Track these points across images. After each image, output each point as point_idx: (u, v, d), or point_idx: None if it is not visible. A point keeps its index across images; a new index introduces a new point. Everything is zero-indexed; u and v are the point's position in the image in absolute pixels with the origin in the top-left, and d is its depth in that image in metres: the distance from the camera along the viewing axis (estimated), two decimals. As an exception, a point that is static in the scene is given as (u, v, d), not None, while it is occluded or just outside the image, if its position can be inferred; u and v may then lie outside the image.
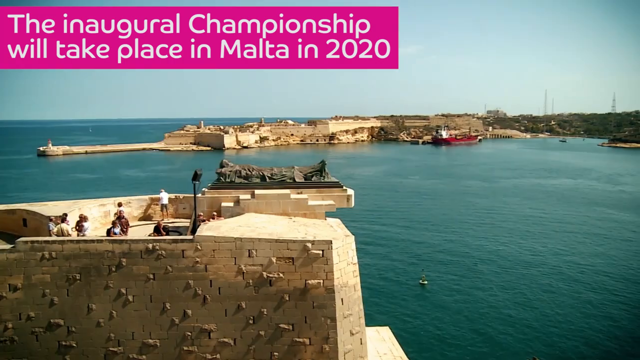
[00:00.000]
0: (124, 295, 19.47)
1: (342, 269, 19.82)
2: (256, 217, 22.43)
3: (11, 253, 19.57)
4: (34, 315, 19.46)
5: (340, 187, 24.84)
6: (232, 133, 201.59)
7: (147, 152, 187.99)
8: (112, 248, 19.57)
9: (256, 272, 19.26)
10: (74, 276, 19.51)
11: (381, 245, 56.60)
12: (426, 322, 37.34)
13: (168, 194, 29.57)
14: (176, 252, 19.41)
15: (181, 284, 19.39)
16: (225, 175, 24.95)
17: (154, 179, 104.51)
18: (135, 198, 30.38)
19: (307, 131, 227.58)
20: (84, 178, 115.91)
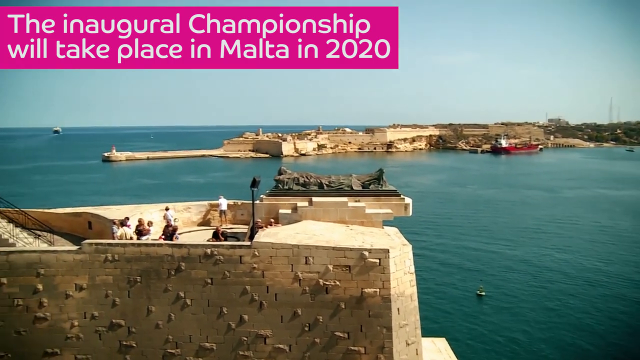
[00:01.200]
0: (182, 299, 19.84)
1: (399, 278, 19.65)
2: (313, 225, 22.49)
3: (77, 254, 20.26)
4: (98, 315, 20.09)
5: (398, 196, 24.66)
6: (290, 141, 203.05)
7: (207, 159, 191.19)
8: (171, 252, 19.99)
9: (312, 280, 19.31)
10: (135, 278, 20.03)
11: (438, 255, 55.88)
12: (483, 334, 36.61)
13: (227, 200, 30.00)
14: (234, 258, 19.66)
15: (238, 289, 19.62)
16: (283, 183, 25.11)
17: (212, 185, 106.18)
18: (195, 204, 30.95)
19: (364, 139, 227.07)
20: (145, 183, 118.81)
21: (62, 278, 20.24)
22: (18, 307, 20.18)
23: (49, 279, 20.23)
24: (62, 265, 20.28)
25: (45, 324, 20.19)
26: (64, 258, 20.35)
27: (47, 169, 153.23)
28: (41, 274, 20.21)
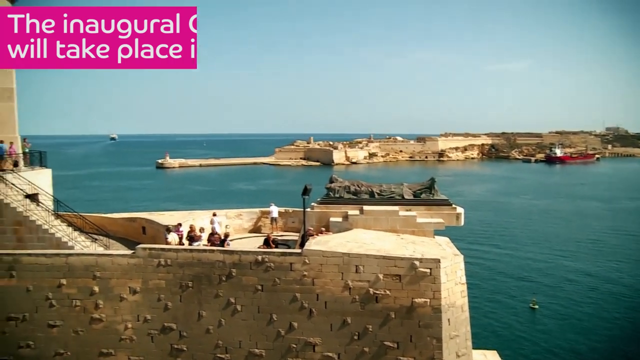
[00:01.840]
0: (233, 305, 20.04)
1: (450, 289, 19.39)
2: (364, 233, 22.43)
3: (132, 258, 20.75)
4: (150, 318, 20.50)
5: (449, 205, 24.38)
6: (341, 149, 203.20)
7: (258, 166, 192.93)
8: (222, 258, 20.24)
9: (363, 288, 19.23)
10: (187, 283, 20.36)
11: (490, 266, 54.89)
12: (536, 349, 35.71)
13: (278, 207, 30.21)
14: (284, 265, 19.77)
15: (288, 296, 19.70)
16: (335, 191, 25.14)
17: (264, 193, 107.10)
18: (246, 211, 31.30)
19: (415, 148, 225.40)
20: (197, 190, 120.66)
21: (117, 281, 20.77)
22: (76, 308, 20.82)
23: (105, 281, 20.79)
24: (117, 268, 20.81)
25: (100, 325, 20.75)
26: (119, 262, 20.87)
27: (104, 175, 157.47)
28: (97, 277, 20.79)
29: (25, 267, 21.21)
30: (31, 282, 21.13)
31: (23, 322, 21.08)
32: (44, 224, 24.77)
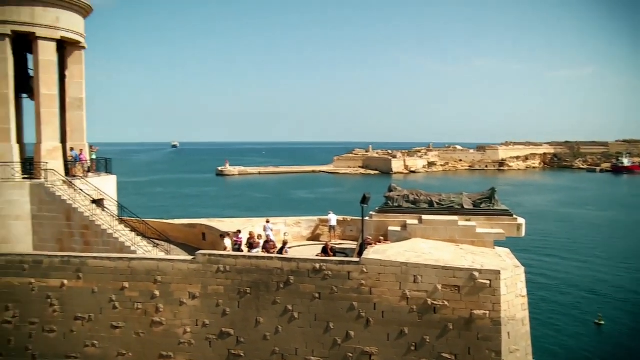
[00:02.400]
0: (290, 312, 20.14)
1: (510, 301, 18.94)
2: (423, 243, 22.20)
3: (192, 264, 21.16)
4: (209, 323, 20.84)
5: (510, 216, 23.88)
6: (400, 157, 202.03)
7: (317, 174, 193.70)
8: (281, 265, 20.39)
9: (420, 299, 19.02)
10: (245, 290, 20.59)
11: (552, 279, 53.34)
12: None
13: (336, 215, 30.24)
14: (342, 274, 19.75)
15: (345, 305, 19.66)
16: (393, 200, 25.00)
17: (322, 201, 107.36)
18: (305, 219, 31.45)
19: (475, 157, 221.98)
20: (256, 197, 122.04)
21: (177, 286, 21.20)
22: (138, 311, 21.38)
23: (166, 286, 21.26)
24: (178, 273, 21.25)
25: (160, 328, 21.22)
26: (179, 267, 21.31)
27: (166, 182, 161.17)
28: (158, 281, 21.29)
29: (91, 269, 21.96)
30: (96, 284, 21.85)
31: (89, 322, 21.85)
32: (108, 228, 25.56)
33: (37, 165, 27.35)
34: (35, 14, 26.78)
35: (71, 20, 28.50)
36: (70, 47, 29.69)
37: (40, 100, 27.59)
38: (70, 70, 30.07)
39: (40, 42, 27.17)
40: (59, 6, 27.59)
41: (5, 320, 22.68)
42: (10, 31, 26.40)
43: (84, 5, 29.04)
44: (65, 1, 27.81)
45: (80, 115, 30.62)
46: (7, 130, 26.99)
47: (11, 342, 22.64)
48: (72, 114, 30.39)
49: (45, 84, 27.61)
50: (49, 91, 27.85)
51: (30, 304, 22.53)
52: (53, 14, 27.37)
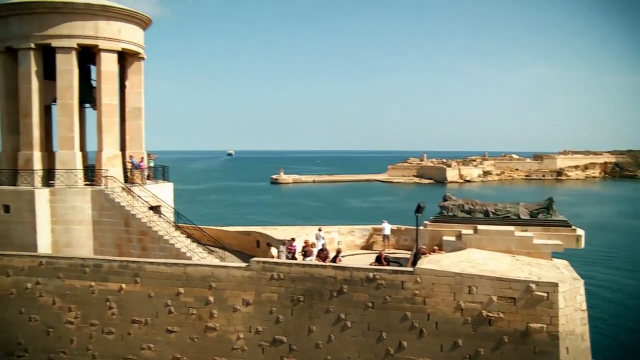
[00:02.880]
0: (343, 321, 20.10)
1: (569, 315, 18.38)
2: (478, 253, 21.84)
3: (245, 271, 21.39)
4: (262, 330, 21.00)
5: (569, 227, 23.25)
6: (454, 166, 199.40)
7: (371, 183, 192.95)
8: (334, 274, 20.38)
9: (475, 310, 18.69)
10: (298, 298, 20.66)
11: (614, 293, 51.50)
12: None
13: (390, 224, 30.08)
14: (396, 283, 19.60)
15: (398, 314, 19.50)
16: (448, 209, 24.70)
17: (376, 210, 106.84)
18: (359, 227, 31.41)
19: (532, 166, 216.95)
20: (310, 205, 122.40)
21: (231, 292, 21.46)
22: (192, 316, 21.73)
23: (220, 292, 21.55)
24: (232, 280, 21.51)
25: (214, 333, 21.51)
26: (234, 274, 21.58)
27: (221, 189, 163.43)
28: (213, 287, 21.60)
29: (148, 274, 22.48)
30: (153, 289, 22.34)
31: (145, 325, 22.36)
32: (165, 234, 26.12)
33: (98, 173, 28.24)
34: (99, 27, 27.76)
35: (132, 32, 29.41)
36: (130, 58, 30.61)
37: (101, 110, 28.52)
38: (130, 80, 30.99)
39: (103, 53, 28.12)
40: (120, 19, 28.53)
41: (68, 320, 23.49)
42: (75, 44, 27.49)
43: (143, 18, 29.93)
44: (127, 14, 28.73)
45: (139, 123, 31.47)
46: (71, 139, 27.98)
47: (73, 342, 23.43)
48: (131, 123, 31.28)
49: (106, 94, 28.52)
50: (110, 101, 28.75)
51: (90, 306, 23.24)
52: (115, 26, 28.30)
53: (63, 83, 27.73)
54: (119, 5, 28.55)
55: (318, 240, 26.79)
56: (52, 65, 27.99)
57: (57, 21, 27.25)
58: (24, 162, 28.07)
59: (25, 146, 28.22)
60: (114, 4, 28.36)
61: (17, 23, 27.75)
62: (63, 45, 27.38)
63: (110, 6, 28.10)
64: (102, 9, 27.79)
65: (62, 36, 27.34)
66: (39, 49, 27.76)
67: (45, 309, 23.87)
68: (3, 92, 29.44)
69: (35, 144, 28.08)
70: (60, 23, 27.25)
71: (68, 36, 27.37)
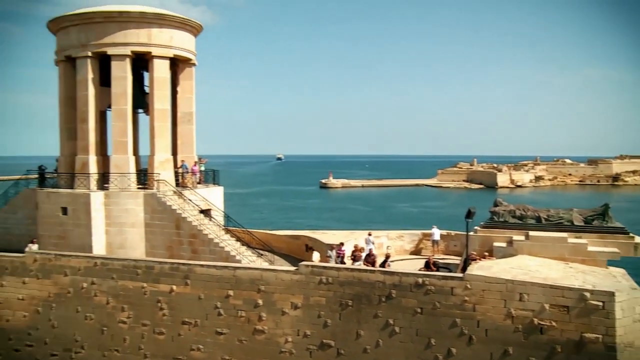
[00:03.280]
0: (391, 326, 19.98)
1: (627, 326, 17.76)
2: (529, 260, 21.41)
3: (295, 275, 21.48)
4: (310, 334, 21.03)
5: (626, 234, 22.57)
6: (505, 171, 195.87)
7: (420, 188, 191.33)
8: (383, 279, 20.28)
9: (526, 318, 18.30)
10: (347, 302, 20.63)
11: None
12: None
13: (440, 230, 29.81)
14: (445, 289, 19.38)
15: (448, 321, 19.26)
16: (499, 215, 24.33)
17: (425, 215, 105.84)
18: (408, 232, 31.23)
19: (586, 171, 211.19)
20: (359, 210, 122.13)
21: (280, 296, 21.57)
22: (241, 318, 21.96)
23: (269, 295, 21.70)
24: (281, 283, 21.63)
25: (263, 336, 21.66)
26: (282, 277, 21.69)
27: (270, 193, 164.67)
28: (262, 290, 21.77)
29: (198, 276, 22.81)
30: (203, 291, 22.66)
31: (195, 326, 22.70)
32: (215, 237, 26.48)
33: (150, 176, 28.86)
34: (152, 34, 28.44)
35: (183, 39, 30.01)
36: (182, 64, 31.22)
37: (154, 115, 29.17)
38: (181, 86, 31.60)
39: (156, 60, 28.78)
40: (172, 26, 29.16)
41: (121, 320, 24.05)
42: (130, 52, 28.24)
43: (195, 25, 30.51)
44: (178, 21, 29.36)
45: (190, 128, 32.03)
46: (125, 143, 28.70)
47: (126, 341, 23.98)
48: (182, 128, 31.87)
49: (159, 99, 29.15)
50: (162, 106, 29.37)
51: (142, 306, 23.73)
52: (167, 34, 28.94)
53: (118, 89, 28.51)
54: (172, 13, 29.22)
55: (368, 245, 26.73)
56: (107, 73, 28.83)
57: (112, 30, 28.09)
58: (80, 166, 28.96)
59: (82, 150, 29.11)
60: (166, 12, 29.05)
61: (76, 33, 28.77)
62: (118, 52, 28.17)
63: (163, 14, 28.77)
64: (156, 16, 28.48)
65: (117, 44, 28.14)
66: (96, 57, 28.69)
67: (99, 308, 24.53)
68: (62, 99, 30.59)
69: (91, 148, 28.92)
70: (116, 31, 28.08)
71: (123, 44, 28.16)
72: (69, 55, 29.33)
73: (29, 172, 33.66)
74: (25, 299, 25.92)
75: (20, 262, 26.16)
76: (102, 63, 29.17)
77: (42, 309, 25.63)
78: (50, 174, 31.62)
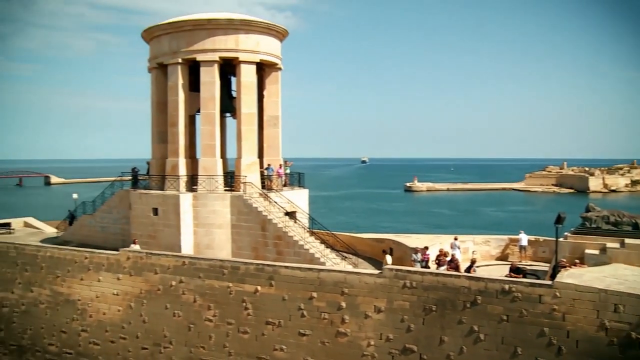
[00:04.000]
0: (476, 333, 19.50)
1: None
2: (625, 269, 20.38)
3: (378, 278, 21.38)
4: (392, 338, 20.86)
5: None
6: (598, 175, 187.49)
7: (507, 192, 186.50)
8: (468, 284, 19.84)
9: (622, 331, 17.36)
10: (430, 307, 20.32)
11: None
12: None
13: (527, 235, 28.98)
14: (533, 297, 18.73)
15: (535, 330, 18.60)
16: (591, 220, 23.37)
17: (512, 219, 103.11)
18: (494, 237, 30.52)
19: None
20: (444, 213, 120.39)
21: (363, 299, 21.52)
22: (324, 320, 22.05)
23: (352, 298, 21.69)
24: (364, 287, 21.58)
25: (345, 339, 21.67)
26: (366, 280, 21.63)
27: (354, 196, 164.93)
28: (345, 293, 21.78)
29: (282, 278, 23.11)
30: (287, 292, 22.93)
31: (278, 327, 23.02)
32: (300, 240, 26.79)
33: (237, 179, 29.56)
34: (239, 40, 29.19)
35: (269, 44, 30.60)
36: (268, 68, 31.83)
37: (241, 119, 29.88)
38: (267, 90, 32.22)
39: (243, 65, 29.49)
40: (259, 32, 29.82)
41: (207, 318, 24.71)
42: (218, 57, 29.09)
43: (280, 30, 31.05)
44: (265, 27, 29.98)
45: (276, 132, 32.57)
46: (213, 147, 29.55)
47: (211, 339, 24.62)
48: (268, 131, 32.46)
49: (245, 103, 29.84)
50: (249, 110, 30.03)
51: (227, 305, 24.29)
52: (254, 39, 29.61)
53: (206, 94, 29.40)
54: (258, 19, 29.87)
55: (453, 250, 26.30)
56: (197, 78, 29.80)
57: (201, 37, 29.04)
58: (170, 168, 30.05)
59: (172, 153, 30.21)
60: (253, 18, 29.72)
61: (167, 41, 29.98)
62: (207, 59, 29.08)
63: (250, 20, 29.45)
64: (243, 23, 29.19)
65: (206, 50, 29.06)
66: (185, 63, 29.78)
67: (187, 305, 25.30)
68: (154, 104, 31.93)
69: (181, 151, 29.96)
70: (205, 38, 29.02)
71: (211, 50, 29.06)
72: (161, 62, 30.58)
73: (123, 174, 35.30)
74: (119, 294, 27.18)
75: (115, 260, 27.45)
76: (192, 69, 30.22)
77: (134, 305, 26.77)
78: (143, 176, 33.04)
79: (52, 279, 29.63)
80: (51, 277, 29.65)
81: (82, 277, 28.48)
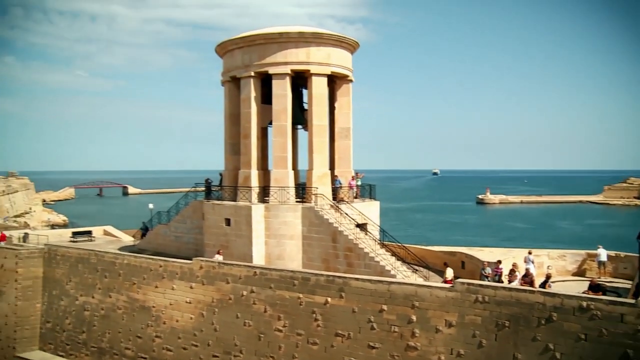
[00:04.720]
0: (552, 351, 18.80)
1: None
2: None
3: (449, 292, 21.02)
4: (464, 353, 20.40)
5: None
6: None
7: (584, 205, 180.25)
8: (543, 300, 19.21)
9: None
10: (503, 322, 19.78)
11: None
12: None
13: (607, 250, 27.94)
14: (614, 315, 17.92)
15: (617, 350, 17.73)
16: (676, 236, 22.26)
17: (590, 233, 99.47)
18: (570, 252, 29.60)
19: None
20: (517, 227, 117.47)
21: (434, 313, 21.20)
22: (394, 334, 21.85)
23: (423, 311, 21.40)
24: (435, 300, 21.26)
25: (415, 353, 21.38)
26: (437, 294, 21.31)
27: (426, 208, 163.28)
28: (416, 306, 21.52)
29: (352, 289, 23.07)
30: (357, 304, 22.87)
31: (348, 339, 22.95)
32: (370, 252, 26.71)
33: (309, 190, 29.79)
34: (310, 53, 29.52)
35: (340, 56, 30.82)
36: (339, 80, 32.03)
37: (312, 131, 30.15)
38: (339, 102, 32.40)
39: (314, 77, 29.78)
40: (330, 44, 30.09)
41: (277, 328, 24.94)
42: (289, 70, 29.51)
43: (351, 42, 31.22)
44: (336, 39, 30.23)
45: (347, 144, 32.67)
46: (285, 159, 29.93)
47: (281, 349, 24.81)
48: (340, 143, 32.60)
49: (317, 115, 30.09)
50: (320, 122, 30.27)
51: (297, 316, 24.44)
52: (325, 51, 29.88)
53: (278, 106, 29.86)
54: (329, 31, 30.14)
55: (527, 264, 25.62)
56: (268, 91, 30.32)
57: (273, 50, 29.54)
58: (243, 180, 30.62)
59: (245, 165, 30.79)
60: (324, 31, 30.01)
61: (240, 55, 30.67)
62: (279, 72, 29.55)
63: (321, 33, 29.76)
64: (314, 35, 29.52)
65: (278, 63, 29.55)
66: (258, 76, 30.35)
67: (257, 315, 25.63)
68: (227, 116, 32.69)
69: (253, 163, 30.50)
70: (276, 52, 29.50)
71: (283, 63, 29.52)
72: (234, 75, 31.31)
73: (196, 185, 36.24)
74: (192, 302, 27.84)
75: (188, 268, 28.16)
76: (264, 82, 30.78)
77: (206, 313, 27.34)
78: (216, 187, 33.82)
79: (128, 285, 30.74)
80: (128, 283, 30.78)
81: (157, 284, 29.39)
